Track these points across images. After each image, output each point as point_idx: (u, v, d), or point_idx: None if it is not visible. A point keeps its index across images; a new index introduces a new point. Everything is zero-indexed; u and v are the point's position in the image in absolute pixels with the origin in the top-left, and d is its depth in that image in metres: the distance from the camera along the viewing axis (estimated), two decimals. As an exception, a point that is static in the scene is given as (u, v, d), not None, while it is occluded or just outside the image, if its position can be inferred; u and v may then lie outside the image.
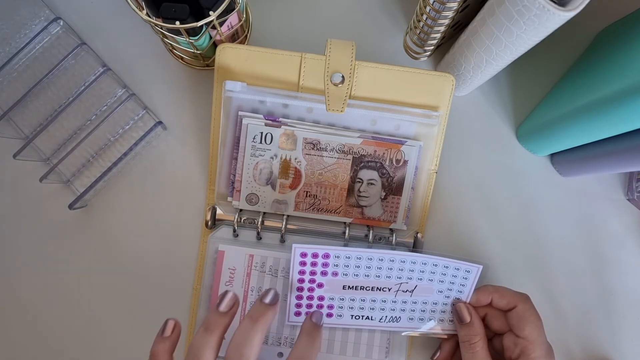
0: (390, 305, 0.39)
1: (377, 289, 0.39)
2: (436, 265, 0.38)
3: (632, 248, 0.45)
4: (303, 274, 0.38)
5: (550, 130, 0.41)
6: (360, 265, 0.38)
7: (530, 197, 0.45)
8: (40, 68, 0.44)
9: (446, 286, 0.39)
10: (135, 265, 0.43)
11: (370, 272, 0.38)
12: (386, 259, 0.38)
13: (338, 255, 0.38)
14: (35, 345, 0.42)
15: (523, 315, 0.36)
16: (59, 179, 0.43)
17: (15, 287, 0.42)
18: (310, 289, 0.39)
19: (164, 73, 0.44)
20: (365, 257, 0.38)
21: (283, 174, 0.40)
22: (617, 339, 0.44)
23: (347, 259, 0.38)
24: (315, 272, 0.38)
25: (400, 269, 0.38)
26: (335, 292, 0.39)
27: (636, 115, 0.32)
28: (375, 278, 0.39)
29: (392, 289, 0.39)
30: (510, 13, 0.31)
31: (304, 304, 0.39)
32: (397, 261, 0.38)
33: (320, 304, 0.39)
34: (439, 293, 0.39)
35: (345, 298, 0.39)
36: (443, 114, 0.41)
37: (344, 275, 0.38)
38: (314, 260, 0.38)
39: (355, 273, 0.38)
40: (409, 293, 0.39)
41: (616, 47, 0.39)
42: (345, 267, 0.38)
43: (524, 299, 0.36)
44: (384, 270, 0.38)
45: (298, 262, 0.38)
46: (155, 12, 0.36)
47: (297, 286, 0.38)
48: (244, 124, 0.39)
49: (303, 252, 0.38)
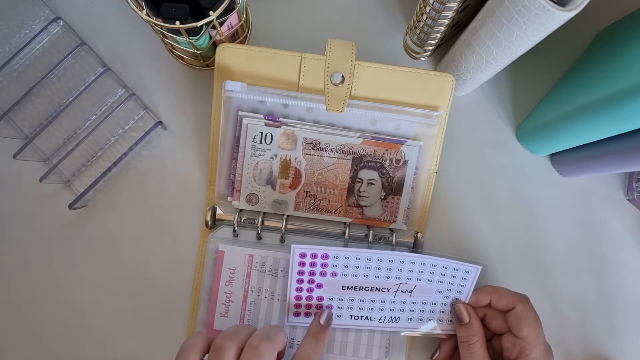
0: (390, 305, 0.39)
1: (376, 289, 0.39)
2: (435, 265, 0.38)
3: (632, 248, 0.45)
4: (302, 275, 0.38)
5: (550, 130, 0.41)
6: (359, 265, 0.38)
7: (530, 197, 0.45)
8: (40, 68, 0.44)
9: (445, 286, 0.39)
10: (135, 265, 0.43)
11: (370, 272, 0.38)
12: (385, 259, 0.38)
13: (337, 255, 0.38)
14: (35, 345, 0.42)
15: (522, 316, 0.36)
16: (59, 179, 0.43)
17: (15, 287, 0.42)
18: (309, 289, 0.39)
19: (164, 73, 0.44)
20: (365, 258, 0.38)
21: (283, 174, 0.40)
22: (617, 339, 0.44)
23: (347, 259, 0.38)
24: (314, 272, 0.38)
25: (400, 269, 0.38)
26: (334, 292, 0.39)
27: (636, 115, 0.32)
28: (374, 278, 0.39)
29: (391, 289, 0.39)
30: (510, 13, 0.31)
31: (303, 304, 0.39)
32: (397, 261, 0.38)
33: (320, 304, 0.39)
34: (438, 293, 0.39)
35: (345, 298, 0.39)
36: (443, 114, 0.41)
37: (343, 276, 0.38)
38: (313, 260, 0.38)
39: (355, 273, 0.38)
40: (408, 293, 0.39)
41: (616, 47, 0.39)
42: (344, 267, 0.38)
43: (522, 299, 0.36)
44: (383, 271, 0.38)
45: (297, 263, 0.38)
46: (155, 12, 0.36)
47: (296, 286, 0.38)
48: (244, 123, 0.39)
49: (302, 253, 0.38)
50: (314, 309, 0.39)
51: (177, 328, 0.42)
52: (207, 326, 0.40)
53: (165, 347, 0.42)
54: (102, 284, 0.42)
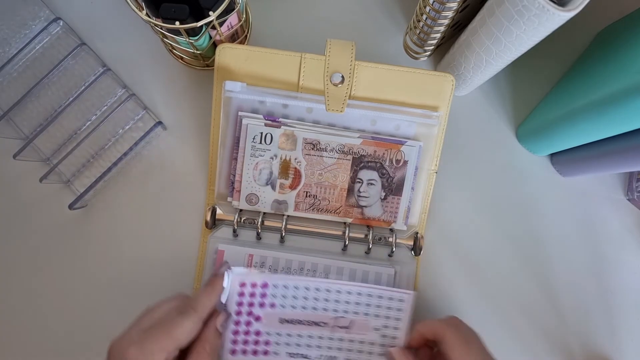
0: (327, 342, 0.39)
1: (313, 323, 0.39)
2: (370, 295, 0.38)
3: (632, 248, 0.45)
4: (241, 306, 0.38)
5: (550, 130, 0.41)
6: (297, 295, 0.38)
7: (530, 197, 0.45)
8: (40, 68, 0.44)
9: (382, 322, 0.39)
10: (135, 265, 0.43)
11: (307, 303, 0.39)
12: (322, 288, 0.38)
13: (276, 284, 0.38)
14: (35, 344, 0.42)
15: (449, 342, 0.34)
16: (59, 179, 0.43)
17: (15, 287, 0.42)
18: (247, 323, 0.38)
19: (164, 73, 0.44)
20: (302, 287, 0.38)
21: (283, 174, 0.40)
22: (617, 338, 0.44)
23: (285, 288, 0.38)
24: (253, 303, 0.38)
25: (337, 300, 0.39)
26: (272, 326, 0.38)
27: (636, 115, 0.32)
28: (312, 310, 0.39)
29: (328, 324, 0.39)
30: (510, 13, 0.31)
31: (240, 340, 0.38)
32: (333, 291, 0.38)
33: (257, 339, 0.39)
34: (375, 331, 0.39)
35: (282, 333, 0.39)
36: (443, 114, 0.41)
37: (282, 307, 0.38)
38: (252, 290, 0.38)
39: (293, 304, 0.38)
40: (344, 330, 0.39)
41: (616, 47, 0.39)
42: (282, 297, 0.38)
43: (447, 325, 0.35)
44: (320, 302, 0.39)
45: (237, 293, 0.37)
46: (155, 12, 0.36)
47: (235, 319, 0.38)
48: (243, 124, 0.39)
49: (242, 282, 0.37)
50: (251, 346, 0.39)
51: (177, 328, 0.42)
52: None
53: (165, 347, 0.42)
54: (102, 284, 0.42)
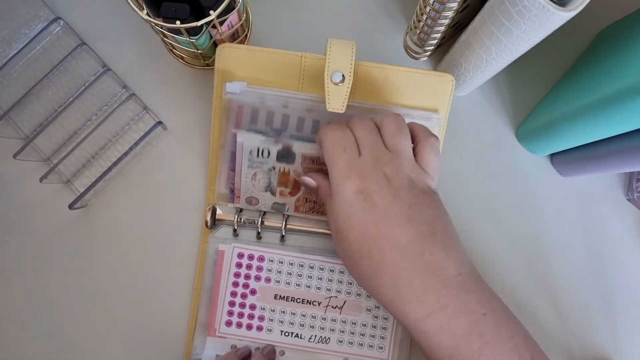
0: (320, 322, 0.39)
1: (307, 302, 0.39)
2: None
3: (632, 248, 0.45)
4: (238, 277, 0.38)
5: (550, 130, 0.41)
6: (292, 272, 0.39)
7: (530, 197, 0.45)
8: (40, 68, 0.44)
9: (373, 303, 0.39)
10: (135, 265, 0.43)
11: (302, 281, 0.39)
12: (316, 266, 0.39)
13: (272, 259, 0.38)
14: (35, 344, 0.42)
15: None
16: (59, 179, 0.43)
17: (15, 287, 0.42)
18: (243, 295, 0.39)
19: (164, 73, 0.44)
20: (297, 264, 0.39)
21: (282, 184, 0.40)
22: (617, 338, 0.44)
23: (280, 263, 0.39)
24: (250, 275, 0.38)
25: (330, 280, 0.39)
26: (266, 301, 0.39)
27: (636, 115, 0.32)
28: (305, 289, 0.39)
29: (322, 304, 0.39)
30: (510, 13, 0.31)
31: (235, 312, 0.39)
32: (327, 270, 0.39)
33: (252, 313, 0.39)
34: (367, 312, 0.39)
35: (276, 309, 0.39)
36: (443, 115, 0.41)
37: (277, 282, 0.39)
38: (249, 262, 0.38)
39: (287, 281, 0.39)
40: (338, 310, 0.39)
41: (616, 47, 0.39)
42: (277, 273, 0.39)
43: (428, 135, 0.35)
44: (314, 280, 0.39)
45: (235, 264, 0.38)
46: (155, 11, 0.36)
47: (232, 290, 0.38)
48: (238, 141, 0.39)
49: (240, 253, 0.38)
50: (246, 319, 0.39)
51: (177, 328, 0.42)
52: (208, 327, 0.40)
53: (165, 348, 0.42)
54: (102, 284, 0.42)
